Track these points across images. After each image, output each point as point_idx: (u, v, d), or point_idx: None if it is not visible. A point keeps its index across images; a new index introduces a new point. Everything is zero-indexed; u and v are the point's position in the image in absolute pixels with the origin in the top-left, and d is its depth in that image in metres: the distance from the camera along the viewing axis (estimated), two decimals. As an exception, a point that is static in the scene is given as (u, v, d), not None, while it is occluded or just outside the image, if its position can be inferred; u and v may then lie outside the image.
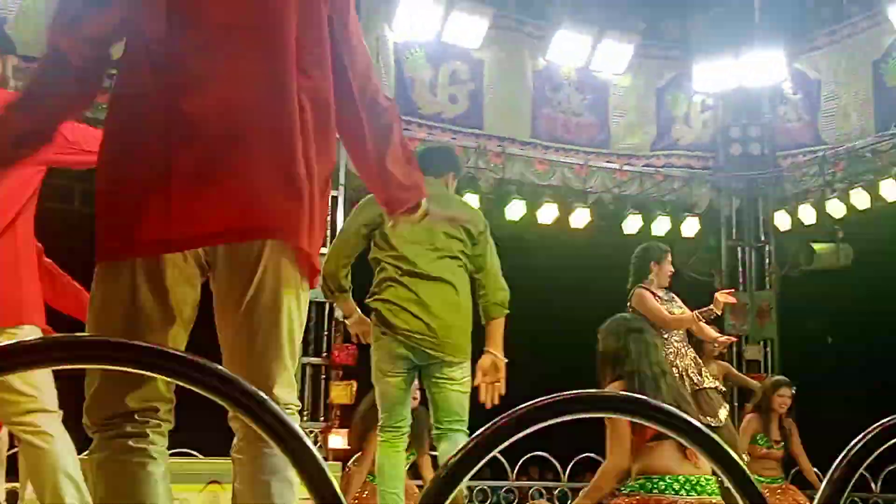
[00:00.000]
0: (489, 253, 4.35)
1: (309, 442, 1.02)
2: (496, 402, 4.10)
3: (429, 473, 5.91)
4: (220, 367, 1.05)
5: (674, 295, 6.31)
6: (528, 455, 8.07)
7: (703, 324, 6.35)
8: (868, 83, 9.05)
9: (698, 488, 3.68)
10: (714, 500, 3.69)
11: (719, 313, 6.45)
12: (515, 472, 8.07)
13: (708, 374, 6.12)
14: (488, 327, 4.32)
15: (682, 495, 3.68)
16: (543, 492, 8.27)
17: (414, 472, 5.99)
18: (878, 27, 8.78)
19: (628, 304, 6.01)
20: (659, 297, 6.13)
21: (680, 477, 3.71)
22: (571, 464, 8.10)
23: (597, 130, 9.55)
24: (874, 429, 1.28)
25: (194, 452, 5.56)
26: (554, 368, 8.56)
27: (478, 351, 4.27)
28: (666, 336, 5.91)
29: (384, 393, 4.20)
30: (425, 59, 8.83)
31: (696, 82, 9.73)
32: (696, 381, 5.86)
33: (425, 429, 5.23)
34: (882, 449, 1.31)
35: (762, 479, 7.03)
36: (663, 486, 3.71)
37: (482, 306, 4.34)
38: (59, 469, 2.92)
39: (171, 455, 5.47)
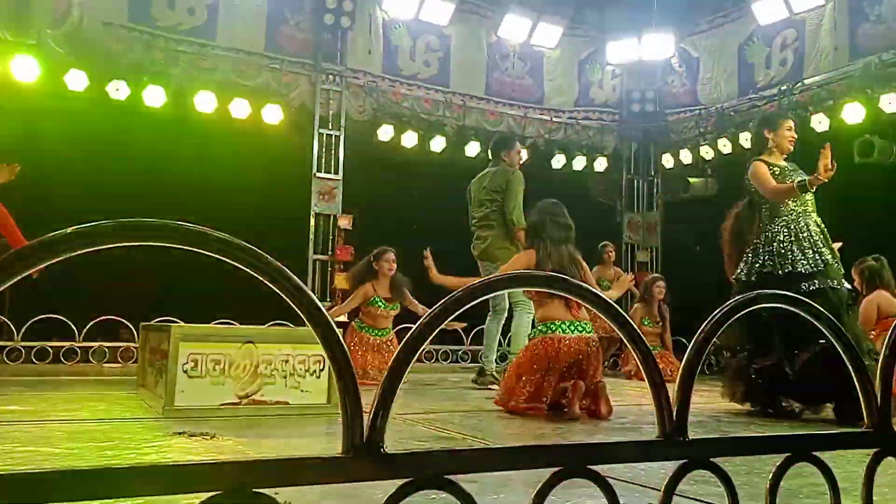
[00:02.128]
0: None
1: (324, 310, 1.01)
2: None
3: (414, 309, 6.09)
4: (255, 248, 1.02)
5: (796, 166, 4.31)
6: (479, 327, 8.18)
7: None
8: (734, 60, 9.00)
9: (580, 328, 4.02)
10: (590, 336, 4.03)
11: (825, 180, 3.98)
12: (469, 339, 8.20)
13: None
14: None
15: (568, 333, 4.00)
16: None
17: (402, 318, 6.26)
18: (743, 18, 8.70)
19: (746, 178, 4.32)
20: (778, 167, 4.24)
21: (566, 321, 4.01)
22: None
23: (534, 90, 9.44)
24: (722, 309, 1.29)
25: (234, 322, 5.57)
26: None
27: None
28: (783, 207, 4.14)
29: None
30: (407, 32, 8.62)
31: (609, 56, 9.61)
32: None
33: (403, 285, 6.03)
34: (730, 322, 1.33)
35: (645, 346, 7.24)
36: (555, 328, 4.02)
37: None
38: None
39: (217, 323, 5.48)
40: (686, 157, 9.28)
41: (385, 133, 8.35)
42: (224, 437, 2.82)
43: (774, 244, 4.08)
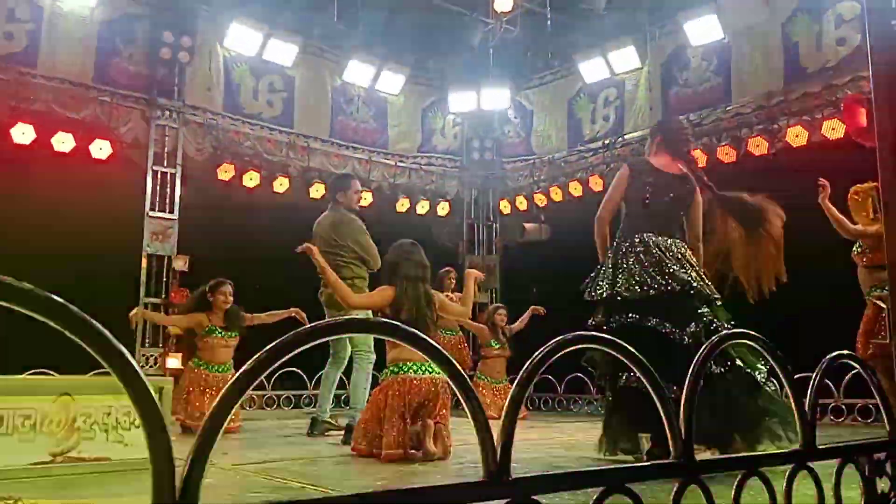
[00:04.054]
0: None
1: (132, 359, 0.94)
2: None
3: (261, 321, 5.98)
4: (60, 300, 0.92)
5: None
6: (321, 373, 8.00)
7: None
8: (564, 114, 9.60)
9: (430, 370, 4.00)
10: (438, 377, 4.00)
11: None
12: (312, 383, 7.99)
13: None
14: None
15: (418, 375, 3.99)
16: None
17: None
18: (572, 76, 9.32)
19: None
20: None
21: (416, 363, 3.99)
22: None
23: (378, 135, 9.54)
24: (548, 346, 1.34)
25: (51, 371, 5.09)
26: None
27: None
28: None
29: None
30: (249, 71, 8.46)
31: (450, 105, 9.93)
32: None
33: (239, 318, 5.80)
34: (554, 358, 1.38)
35: (491, 379, 7.44)
36: (406, 369, 4.00)
37: None
38: None
39: (32, 373, 4.98)
40: (522, 203, 9.73)
41: (225, 172, 8.08)
42: (32, 500, 2.54)
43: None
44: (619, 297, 3.60)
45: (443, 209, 9.89)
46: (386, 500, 1.05)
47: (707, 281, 3.64)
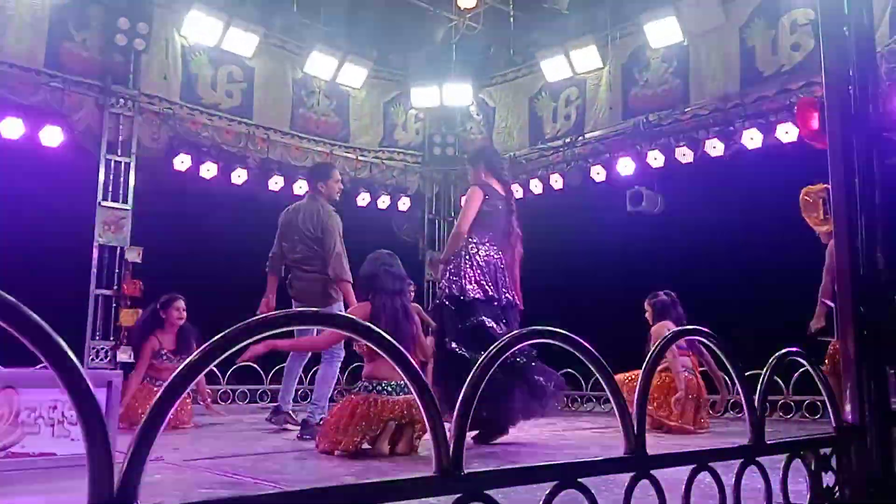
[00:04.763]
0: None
1: (73, 357, 0.90)
2: None
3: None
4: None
5: None
6: (280, 366, 7.90)
7: None
8: (525, 112, 9.63)
9: (407, 390, 3.73)
10: (414, 400, 3.80)
11: None
12: (269, 378, 7.89)
13: None
14: None
15: (393, 395, 3.78)
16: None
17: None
18: (534, 74, 9.36)
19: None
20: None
21: (393, 382, 3.80)
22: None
23: (340, 128, 9.45)
24: (501, 342, 1.33)
25: (-5, 365, 4.92)
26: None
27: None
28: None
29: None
30: (208, 60, 8.29)
31: (413, 100, 9.88)
32: None
33: (191, 336, 5.54)
34: (507, 354, 1.37)
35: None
36: (381, 388, 3.81)
37: None
38: None
39: (-28, 367, 4.79)
40: (483, 199, 9.72)
41: (181, 163, 7.91)
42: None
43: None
44: (471, 300, 4.40)
45: (404, 204, 9.85)
46: (338, 495, 1.03)
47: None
